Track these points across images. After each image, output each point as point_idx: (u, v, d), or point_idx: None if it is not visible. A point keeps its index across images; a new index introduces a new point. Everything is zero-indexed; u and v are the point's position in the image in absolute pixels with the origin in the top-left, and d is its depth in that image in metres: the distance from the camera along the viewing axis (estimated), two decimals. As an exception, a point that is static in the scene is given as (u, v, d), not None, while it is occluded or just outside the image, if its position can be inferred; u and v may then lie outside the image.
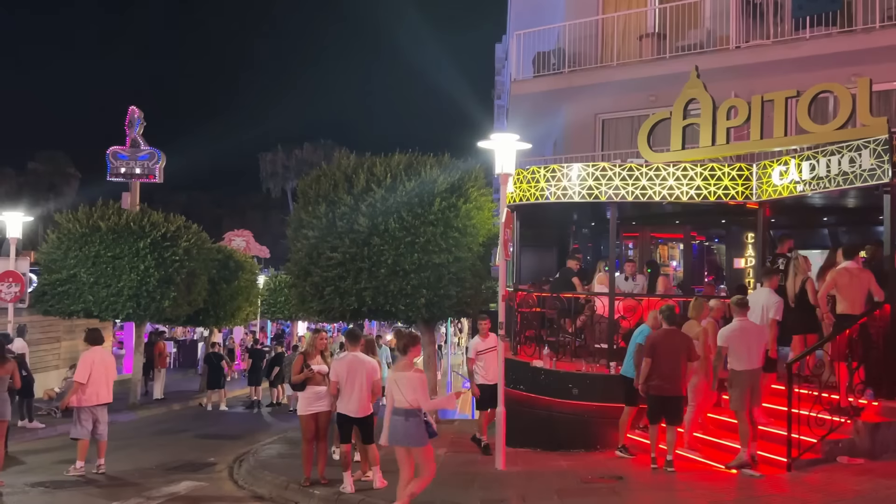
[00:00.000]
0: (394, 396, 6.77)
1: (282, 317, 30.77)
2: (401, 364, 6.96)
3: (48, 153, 51.27)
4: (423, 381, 6.77)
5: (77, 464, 9.50)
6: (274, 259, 39.37)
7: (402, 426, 6.70)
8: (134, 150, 23.10)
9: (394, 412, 6.78)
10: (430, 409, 6.94)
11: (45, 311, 17.05)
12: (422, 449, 6.76)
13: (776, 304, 8.96)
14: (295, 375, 8.63)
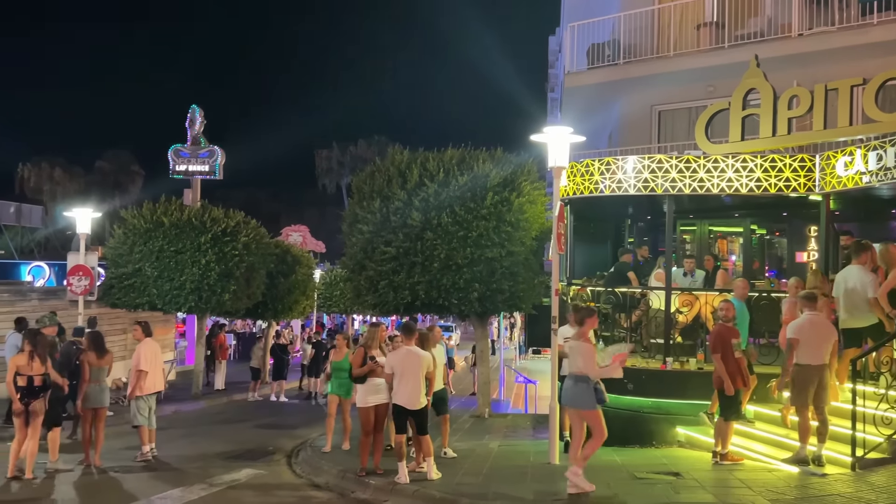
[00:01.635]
0: (568, 363, 7.53)
1: (337, 310, 31.23)
2: (576, 334, 7.60)
3: (114, 152, 53.17)
4: (592, 352, 7.41)
5: (143, 448, 9.93)
6: (329, 254, 39.96)
7: (572, 390, 7.41)
8: (195, 148, 23.78)
9: (568, 377, 7.55)
10: (596, 376, 7.38)
11: (112, 303, 17.68)
12: (591, 412, 7.35)
13: (871, 281, 8.55)
14: (357, 368, 8.78)
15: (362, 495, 8.09)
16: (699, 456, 9.22)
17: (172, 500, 7.81)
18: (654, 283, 11.54)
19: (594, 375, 7.35)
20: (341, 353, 10.39)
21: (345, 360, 10.16)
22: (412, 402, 8.13)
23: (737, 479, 7.87)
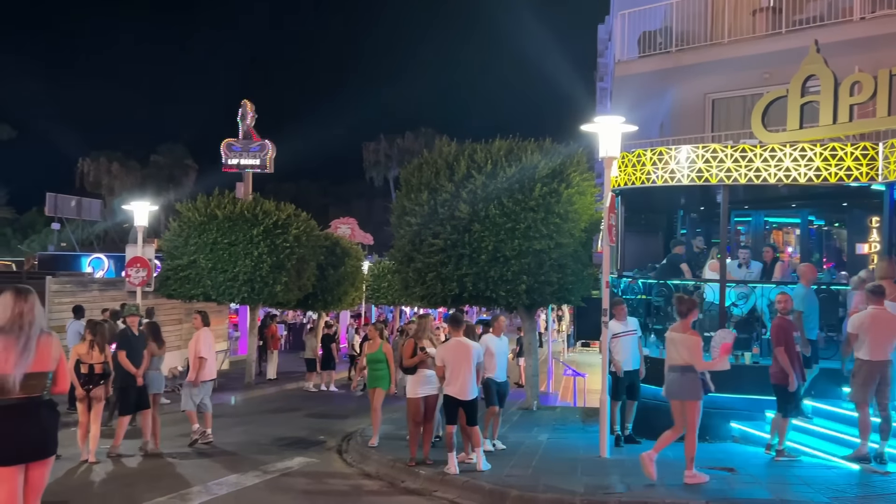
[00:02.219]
0: (670, 355, 7.52)
1: (385, 302, 31.47)
2: (678, 326, 7.64)
3: (168, 146, 54.53)
4: (699, 344, 7.43)
5: (193, 427, 10.41)
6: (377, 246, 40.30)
7: (678, 381, 7.45)
8: (246, 142, 24.20)
9: (670, 369, 7.57)
10: (702, 368, 7.45)
11: (169, 294, 18.15)
12: (694, 404, 7.41)
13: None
14: (407, 359, 8.84)
15: (412, 485, 8.15)
16: (754, 451, 9.03)
17: (228, 485, 7.99)
18: (707, 275, 11.30)
19: (700, 368, 7.39)
20: (375, 345, 10.38)
21: (379, 351, 10.23)
22: (463, 393, 8.17)
23: (794, 476, 7.70)
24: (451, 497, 7.59)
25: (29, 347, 4.49)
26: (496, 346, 9.56)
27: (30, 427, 4.50)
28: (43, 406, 4.58)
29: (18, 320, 4.51)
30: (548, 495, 7.19)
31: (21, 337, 4.49)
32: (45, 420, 4.59)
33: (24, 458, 4.47)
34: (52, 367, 4.60)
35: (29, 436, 4.49)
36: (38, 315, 4.62)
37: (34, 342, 4.52)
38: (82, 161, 51.85)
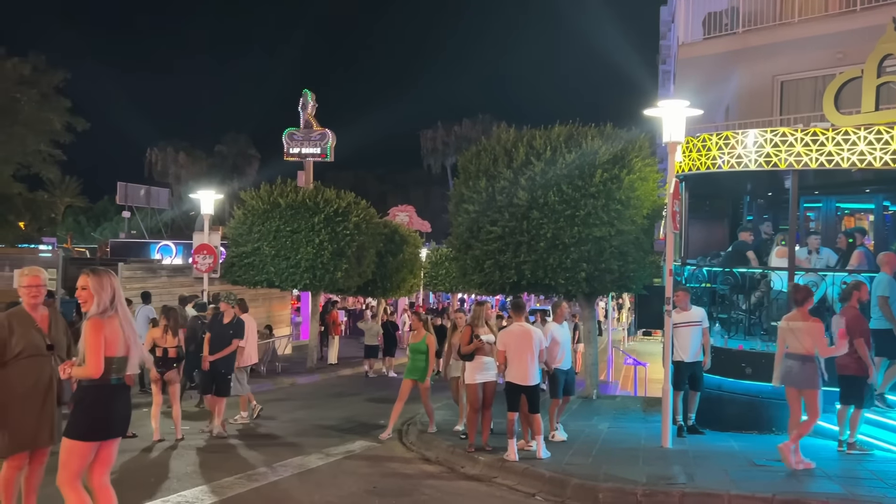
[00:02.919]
0: (787, 343, 7.60)
1: (443, 289, 31.63)
2: (796, 315, 7.67)
3: (232, 136, 55.84)
4: (821, 330, 7.55)
5: (242, 413, 10.95)
6: (435, 233, 40.46)
7: (799, 370, 7.50)
8: (307, 131, 24.56)
9: (787, 356, 7.62)
10: (826, 354, 7.55)
11: (234, 280, 18.64)
12: (814, 392, 7.47)
13: None
14: (464, 346, 8.89)
15: (472, 471, 8.20)
16: (824, 444, 8.76)
17: (292, 467, 8.19)
18: (775, 263, 10.97)
19: (825, 354, 7.48)
20: (419, 335, 10.24)
21: (422, 342, 10.10)
22: (524, 379, 8.17)
23: (867, 470, 7.44)
24: (511, 483, 7.61)
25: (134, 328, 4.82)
26: (560, 334, 9.43)
27: (120, 407, 4.79)
28: (123, 387, 4.80)
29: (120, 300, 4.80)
30: (609, 484, 7.13)
31: (124, 318, 4.78)
32: (127, 400, 4.85)
33: (109, 436, 4.73)
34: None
35: (118, 415, 4.79)
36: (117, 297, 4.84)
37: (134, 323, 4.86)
38: (150, 151, 53.57)
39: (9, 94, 21.01)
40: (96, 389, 4.69)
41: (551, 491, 7.25)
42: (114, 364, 4.69)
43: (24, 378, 5.23)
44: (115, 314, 4.75)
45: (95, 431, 4.68)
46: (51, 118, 22.26)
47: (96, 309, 4.72)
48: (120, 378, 4.74)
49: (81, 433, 4.67)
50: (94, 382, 4.66)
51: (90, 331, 4.63)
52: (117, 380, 4.72)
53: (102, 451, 4.75)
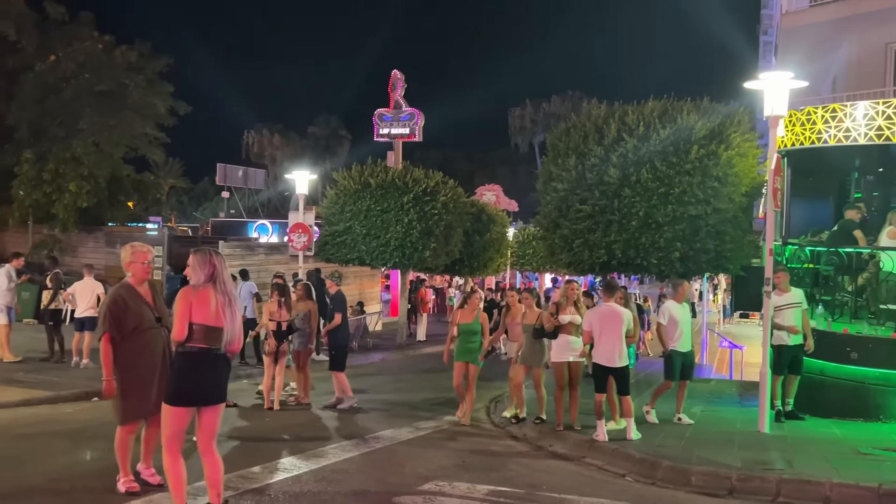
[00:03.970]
0: None
1: (529, 268, 31.47)
2: None
3: (324, 118, 57.13)
4: None
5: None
6: (522, 212, 40.26)
7: None
8: (396, 112, 24.79)
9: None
10: None
11: (327, 258, 19.17)
12: None
13: None
14: (546, 323, 8.87)
15: (560, 449, 8.19)
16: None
17: (384, 440, 8.42)
18: (885, 243, 10.35)
19: None
20: (471, 315, 9.62)
21: (475, 322, 9.53)
22: (611, 360, 8.07)
23: None
24: (600, 464, 7.56)
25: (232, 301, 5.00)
26: (680, 314, 9.10)
27: (208, 375, 4.96)
28: (220, 358, 5.00)
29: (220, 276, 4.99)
30: (702, 468, 6.98)
31: (222, 292, 4.97)
32: (222, 370, 5.03)
33: (199, 403, 4.95)
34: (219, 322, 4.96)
35: (207, 383, 4.95)
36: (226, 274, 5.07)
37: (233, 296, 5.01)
38: (247, 133, 55.53)
39: (118, 81, 22.22)
40: (184, 356, 4.94)
41: (641, 472, 7.17)
42: (202, 333, 4.88)
43: (141, 351, 5.58)
44: (210, 287, 4.94)
45: (181, 397, 4.90)
46: (156, 103, 23.39)
47: (193, 283, 5.00)
48: (211, 347, 4.91)
49: (171, 398, 4.94)
50: (184, 349, 4.91)
51: (178, 299, 4.93)
52: (207, 349, 4.90)
53: (202, 418, 4.98)
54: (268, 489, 6.11)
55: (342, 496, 5.95)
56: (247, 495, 5.89)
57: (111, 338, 5.52)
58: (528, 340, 9.27)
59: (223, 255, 5.17)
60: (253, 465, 6.77)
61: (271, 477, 6.47)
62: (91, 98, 21.66)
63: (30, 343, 13.35)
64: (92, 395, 10.28)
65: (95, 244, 22.63)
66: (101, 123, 21.65)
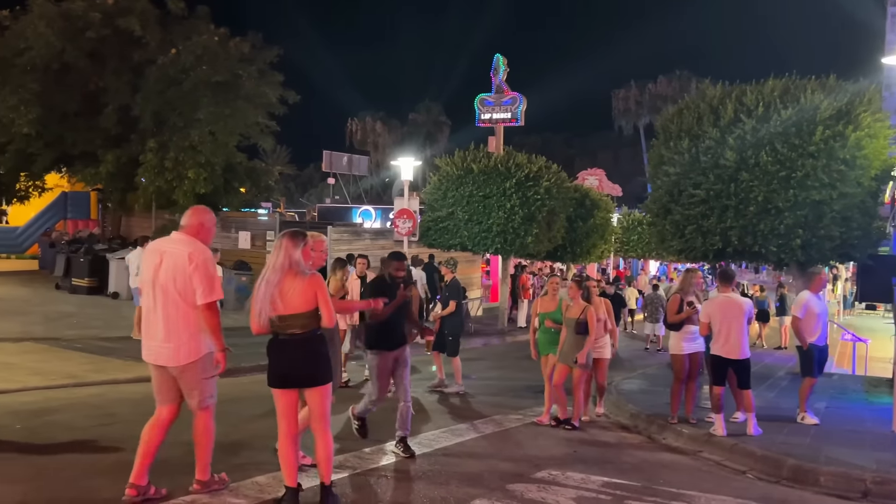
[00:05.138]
0: None
1: (634, 255, 30.75)
2: None
3: (425, 105, 57.65)
4: None
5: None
6: (626, 197, 39.26)
7: None
8: (498, 97, 24.68)
9: None
10: None
11: (429, 244, 19.39)
12: None
13: None
14: (672, 315, 8.58)
15: (674, 442, 7.96)
16: None
17: (492, 425, 8.43)
18: None
19: None
20: (553, 302, 8.79)
21: (557, 311, 8.70)
22: (733, 352, 7.75)
23: None
24: (718, 459, 7.28)
25: (279, 290, 4.91)
26: (817, 306, 8.54)
27: (293, 359, 4.97)
28: (308, 341, 4.97)
29: (275, 264, 4.96)
30: (832, 468, 6.60)
31: (273, 280, 4.92)
32: (310, 353, 4.99)
33: (288, 384, 5.02)
34: (310, 307, 4.94)
35: (291, 366, 4.97)
36: (291, 260, 4.94)
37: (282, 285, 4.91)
38: (351, 121, 56.81)
39: (232, 72, 23.15)
40: (269, 342, 5.04)
41: (764, 470, 6.85)
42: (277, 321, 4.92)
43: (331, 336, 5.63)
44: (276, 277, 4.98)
45: (271, 378, 5.02)
46: (267, 92, 24.22)
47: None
48: (279, 333, 4.94)
49: (268, 378, 5.08)
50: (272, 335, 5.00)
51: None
52: (276, 334, 4.95)
53: (307, 399, 5.11)
54: (382, 470, 6.24)
55: (456, 480, 6.00)
56: (363, 475, 6.03)
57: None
58: (570, 336, 8.34)
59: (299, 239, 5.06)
60: (364, 446, 6.92)
61: (384, 458, 6.60)
62: (208, 89, 22.68)
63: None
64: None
65: (211, 229, 23.79)
66: (216, 113, 22.65)
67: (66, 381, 9.43)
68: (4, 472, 5.52)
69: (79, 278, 19.98)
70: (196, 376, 5.08)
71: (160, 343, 5.02)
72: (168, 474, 5.43)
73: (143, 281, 5.18)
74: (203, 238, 5.14)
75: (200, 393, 5.13)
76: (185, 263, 4.94)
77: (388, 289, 6.72)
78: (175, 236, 5.14)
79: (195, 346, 5.02)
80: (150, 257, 5.14)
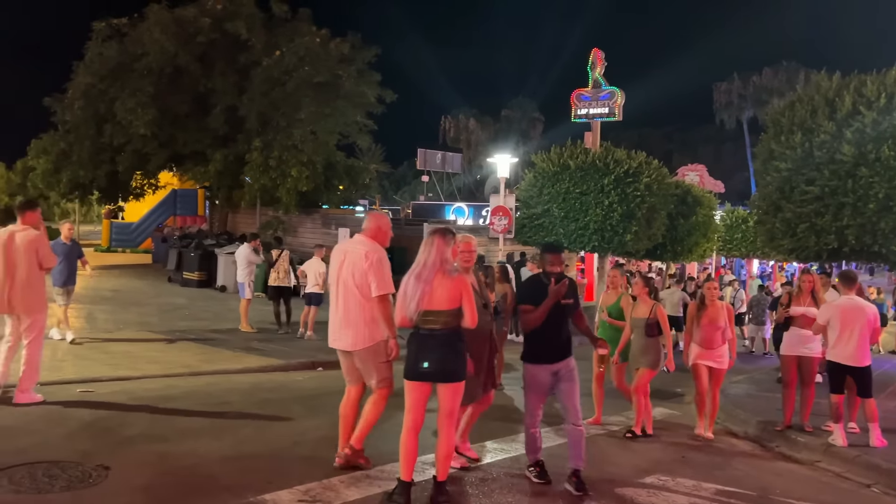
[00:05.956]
0: None
1: (737, 254, 29.55)
2: None
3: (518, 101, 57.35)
4: None
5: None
6: (728, 194, 37.77)
7: None
8: (595, 91, 24.17)
9: None
10: None
11: (524, 241, 19.24)
12: None
13: None
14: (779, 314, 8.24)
15: (788, 451, 7.61)
16: None
17: (596, 427, 8.29)
18: None
19: None
20: (613, 296, 8.40)
21: (614, 304, 8.32)
22: (852, 359, 7.32)
23: None
24: (838, 471, 6.91)
25: (429, 286, 5.09)
26: None
27: (430, 354, 5.09)
28: (448, 337, 5.10)
29: (427, 261, 5.14)
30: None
31: (424, 276, 5.12)
32: (448, 350, 5.11)
33: (423, 378, 5.14)
34: (454, 305, 5.10)
35: (427, 361, 5.08)
36: (442, 258, 5.16)
37: (433, 282, 5.09)
38: (444, 119, 57.25)
39: (333, 72, 23.79)
40: (410, 336, 5.19)
41: (891, 484, 6.45)
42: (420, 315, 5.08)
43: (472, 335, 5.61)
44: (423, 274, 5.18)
45: (408, 370, 5.17)
46: (365, 91, 24.75)
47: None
48: (420, 328, 5.10)
49: (405, 370, 5.21)
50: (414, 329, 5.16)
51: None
52: (417, 328, 5.13)
53: (439, 394, 5.18)
54: (489, 468, 6.24)
55: (564, 480, 5.93)
56: (468, 473, 6.05)
57: None
58: (638, 338, 7.87)
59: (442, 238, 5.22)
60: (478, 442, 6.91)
61: (487, 457, 6.60)
62: (309, 89, 23.39)
63: (259, 315, 14.75)
64: (317, 365, 11.20)
65: (312, 225, 24.58)
66: (317, 113, 23.33)
67: (182, 370, 9.94)
68: (130, 458, 5.85)
69: (189, 272, 21.05)
70: (372, 360, 5.62)
71: (341, 330, 5.67)
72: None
73: (329, 276, 5.87)
74: (380, 240, 5.75)
75: (377, 374, 5.67)
76: (362, 261, 5.55)
77: (545, 290, 5.78)
78: (357, 238, 5.79)
79: (370, 333, 5.57)
80: (336, 256, 5.80)
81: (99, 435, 6.44)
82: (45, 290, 7.70)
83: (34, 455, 5.66)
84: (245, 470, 5.67)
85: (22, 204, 7.97)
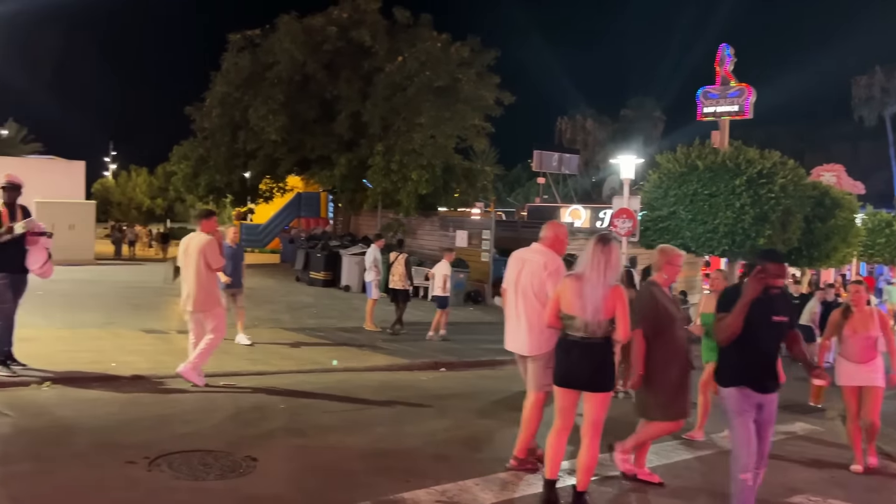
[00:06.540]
0: None
1: (880, 260, 27.48)
2: None
3: (638, 100, 55.82)
4: None
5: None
6: (869, 195, 35.12)
7: None
8: (724, 88, 23.15)
9: None
10: None
11: (648, 244, 18.69)
12: None
13: None
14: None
15: (953, 477, 6.96)
16: None
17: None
18: None
19: None
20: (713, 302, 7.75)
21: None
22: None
23: None
24: None
25: (596, 294, 5.03)
26: None
27: (580, 362, 5.07)
28: (597, 347, 5.06)
29: (597, 268, 5.06)
30: None
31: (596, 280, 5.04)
32: (597, 359, 5.07)
33: (570, 385, 5.13)
34: (608, 316, 5.03)
35: (576, 368, 5.08)
36: (612, 266, 5.08)
37: (601, 290, 5.03)
38: (560, 120, 56.58)
39: (453, 76, 24.05)
40: (558, 340, 5.25)
41: None
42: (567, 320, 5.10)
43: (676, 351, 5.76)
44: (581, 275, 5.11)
45: (557, 376, 5.21)
46: (484, 94, 24.85)
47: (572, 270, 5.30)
48: (568, 334, 5.11)
49: (554, 376, 5.28)
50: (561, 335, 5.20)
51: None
52: (566, 334, 5.13)
53: (585, 403, 5.16)
54: (623, 478, 6.09)
55: (705, 496, 5.71)
56: (606, 482, 5.93)
57: (644, 334, 5.69)
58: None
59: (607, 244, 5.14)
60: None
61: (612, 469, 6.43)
62: (430, 94, 23.75)
63: (383, 315, 15.09)
64: (440, 366, 11.35)
65: (431, 227, 24.95)
66: (437, 117, 23.64)
67: (314, 366, 10.33)
68: (274, 451, 6.12)
69: (315, 271, 21.90)
70: (540, 367, 5.76)
71: (517, 334, 5.88)
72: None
73: (506, 282, 6.05)
74: (557, 248, 5.93)
75: (540, 380, 5.80)
76: (541, 270, 5.76)
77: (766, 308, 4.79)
78: (535, 247, 5.97)
79: (544, 340, 5.67)
80: (514, 263, 6.01)
81: (243, 427, 6.80)
82: (217, 288, 8.59)
83: (189, 443, 6.04)
84: (381, 467, 5.82)
85: (200, 213, 8.96)
